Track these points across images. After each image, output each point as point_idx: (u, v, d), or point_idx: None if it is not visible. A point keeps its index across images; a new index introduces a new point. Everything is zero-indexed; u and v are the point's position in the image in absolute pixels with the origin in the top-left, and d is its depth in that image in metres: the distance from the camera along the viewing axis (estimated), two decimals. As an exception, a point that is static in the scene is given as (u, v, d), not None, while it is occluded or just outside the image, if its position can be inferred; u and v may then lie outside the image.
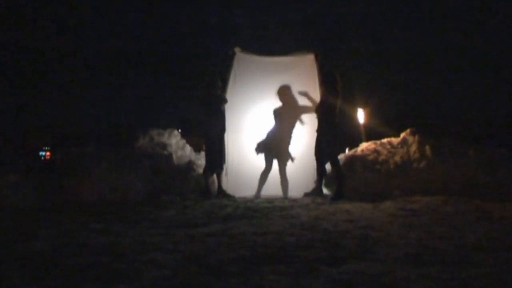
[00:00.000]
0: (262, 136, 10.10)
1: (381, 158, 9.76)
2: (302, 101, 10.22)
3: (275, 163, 10.05)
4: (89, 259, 4.65)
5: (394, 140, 10.11)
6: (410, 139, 9.91)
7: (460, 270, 4.10)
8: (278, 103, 10.17)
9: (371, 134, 11.31)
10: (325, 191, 9.85)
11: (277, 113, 10.10)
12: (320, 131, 9.62)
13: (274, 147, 9.97)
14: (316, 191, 9.83)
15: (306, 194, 9.78)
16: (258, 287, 3.77)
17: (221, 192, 9.86)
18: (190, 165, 10.60)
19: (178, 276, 4.07)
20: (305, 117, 10.21)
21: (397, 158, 9.66)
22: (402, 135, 10.11)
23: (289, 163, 10.09)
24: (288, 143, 10.10)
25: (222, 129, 10.00)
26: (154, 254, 4.82)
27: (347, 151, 10.59)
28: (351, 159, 9.91)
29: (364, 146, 10.24)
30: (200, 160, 10.73)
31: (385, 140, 10.20)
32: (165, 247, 5.13)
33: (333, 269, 4.18)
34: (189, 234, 5.85)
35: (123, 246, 5.26)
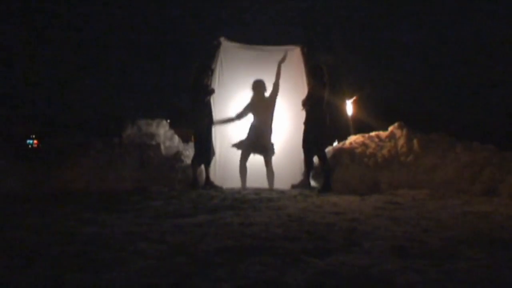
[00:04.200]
0: (245, 129, 10.14)
1: (368, 151, 9.78)
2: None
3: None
4: (75, 249, 4.64)
5: (382, 134, 10.12)
6: (398, 132, 9.92)
7: (445, 264, 4.13)
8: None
9: (359, 127, 11.28)
10: (312, 183, 9.86)
11: (251, 106, 10.15)
12: (308, 123, 9.63)
13: (256, 143, 10.02)
14: (304, 183, 9.85)
15: (294, 186, 9.80)
16: (244, 277, 3.78)
17: (209, 183, 9.84)
18: (178, 155, 10.57)
19: (165, 266, 4.07)
20: (292, 109, 10.21)
21: (384, 151, 9.68)
22: (390, 128, 10.12)
23: (276, 151, 10.12)
24: (269, 136, 10.13)
25: (209, 119, 9.98)
26: (141, 244, 4.82)
27: (335, 143, 10.59)
28: (339, 152, 9.92)
29: (352, 139, 10.24)
30: (188, 151, 10.71)
31: (373, 134, 10.20)
32: (151, 237, 5.13)
33: (319, 261, 4.19)
34: (176, 224, 5.86)
35: (109, 236, 5.25)
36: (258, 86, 10.18)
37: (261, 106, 10.15)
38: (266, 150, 10.08)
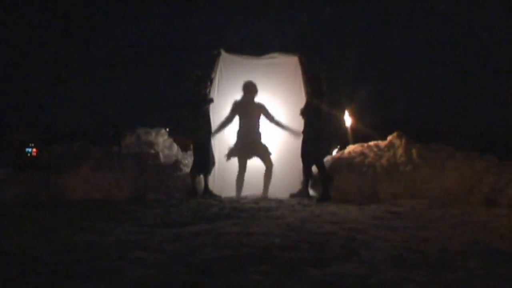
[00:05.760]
0: (233, 138, 10.14)
1: (367, 160, 9.77)
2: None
3: (248, 163, 10.12)
4: (73, 257, 4.63)
5: (381, 143, 10.12)
6: (397, 142, 9.92)
7: (444, 274, 4.13)
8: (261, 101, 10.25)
9: (358, 136, 11.29)
10: (311, 192, 9.85)
11: (238, 107, 10.14)
12: (306, 132, 9.63)
13: (247, 148, 10.03)
14: (302, 192, 9.83)
15: (292, 195, 9.78)
16: (242, 287, 3.78)
17: (207, 192, 9.82)
18: (176, 164, 10.58)
19: (163, 275, 4.06)
20: (290, 118, 10.21)
21: (383, 161, 9.67)
22: (389, 138, 10.11)
23: (275, 160, 10.12)
24: (259, 138, 10.12)
25: (208, 129, 9.98)
26: (139, 252, 4.81)
27: (334, 153, 10.59)
28: (338, 161, 9.92)
29: (351, 148, 10.24)
30: (187, 160, 10.71)
31: (372, 143, 10.20)
32: (149, 246, 5.12)
33: (317, 271, 4.19)
34: (174, 233, 5.85)
35: (107, 244, 5.25)
36: (249, 88, 10.17)
37: (249, 109, 10.13)
38: (259, 152, 10.07)
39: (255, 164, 10.11)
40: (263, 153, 10.08)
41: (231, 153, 10.10)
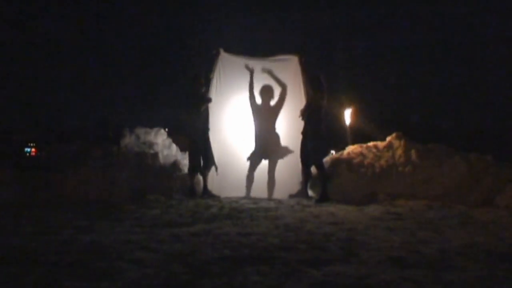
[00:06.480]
0: (250, 139, 10.17)
1: (366, 161, 9.77)
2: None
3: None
4: (72, 257, 4.64)
5: (380, 144, 10.11)
6: (396, 143, 9.91)
7: (443, 274, 4.14)
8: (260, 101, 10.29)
9: (357, 137, 11.29)
10: (310, 193, 9.84)
11: (256, 108, 10.19)
12: (306, 133, 9.63)
13: (261, 148, 10.04)
14: (301, 193, 9.83)
15: (291, 196, 9.78)
16: (241, 287, 3.78)
17: (206, 192, 9.83)
18: (176, 164, 10.58)
19: (161, 275, 4.07)
20: (290, 118, 10.22)
21: (382, 161, 9.67)
22: (388, 139, 10.10)
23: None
24: (275, 140, 10.14)
25: (206, 128, 9.98)
26: (138, 253, 4.82)
27: (333, 153, 10.58)
28: (337, 162, 9.91)
29: (350, 149, 10.23)
30: (186, 160, 10.71)
31: (371, 144, 10.19)
32: (148, 246, 5.13)
33: (316, 271, 4.19)
34: (173, 233, 5.86)
35: (106, 244, 5.25)
36: (265, 91, 10.21)
37: (266, 112, 10.17)
38: (274, 154, 10.11)
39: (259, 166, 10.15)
40: (276, 157, 10.13)
41: (253, 155, 10.14)
